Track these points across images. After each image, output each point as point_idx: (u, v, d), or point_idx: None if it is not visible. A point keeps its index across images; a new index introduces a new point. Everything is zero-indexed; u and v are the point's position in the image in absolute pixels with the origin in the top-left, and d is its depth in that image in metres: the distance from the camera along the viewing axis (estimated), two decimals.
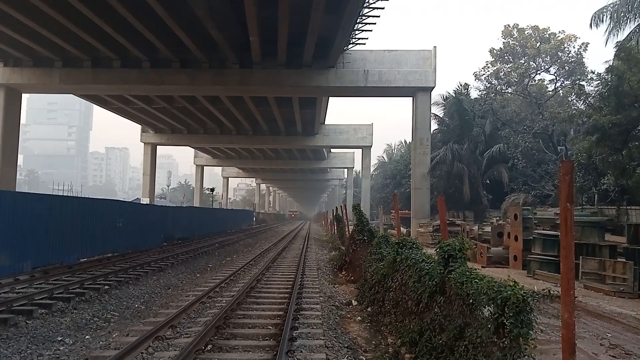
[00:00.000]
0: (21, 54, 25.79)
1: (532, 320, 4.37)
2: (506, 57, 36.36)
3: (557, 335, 6.39)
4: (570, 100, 33.03)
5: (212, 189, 55.90)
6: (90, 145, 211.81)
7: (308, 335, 7.33)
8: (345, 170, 71.54)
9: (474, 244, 16.38)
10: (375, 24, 22.41)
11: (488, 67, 36.73)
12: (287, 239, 31.77)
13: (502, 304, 4.49)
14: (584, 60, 34.12)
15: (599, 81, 24.22)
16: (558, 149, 33.40)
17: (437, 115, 38.80)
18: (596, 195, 25.75)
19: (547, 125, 32.55)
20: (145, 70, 26.33)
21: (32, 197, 15.27)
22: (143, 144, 48.06)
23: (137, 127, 47.57)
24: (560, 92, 35.99)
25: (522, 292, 4.43)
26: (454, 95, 37.43)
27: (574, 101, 31.29)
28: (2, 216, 12.29)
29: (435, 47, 27.70)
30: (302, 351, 6.57)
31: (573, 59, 34.10)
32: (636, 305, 9.96)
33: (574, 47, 34.10)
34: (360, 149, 52.55)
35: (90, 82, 27.05)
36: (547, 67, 35.47)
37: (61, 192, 55.22)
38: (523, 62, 35.51)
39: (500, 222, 21.51)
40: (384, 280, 9.17)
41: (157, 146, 49.18)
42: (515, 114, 37.13)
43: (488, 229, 19.63)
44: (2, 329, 7.59)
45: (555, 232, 14.16)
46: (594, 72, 28.40)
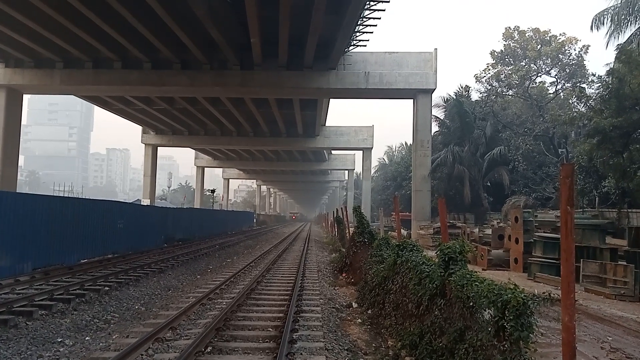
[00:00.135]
0: (22, 55, 25.85)
1: (533, 323, 4.37)
2: (507, 59, 36.37)
3: (558, 339, 6.37)
4: (571, 102, 33.04)
5: (213, 191, 55.89)
6: (91, 146, 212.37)
7: (308, 338, 7.32)
8: (346, 172, 71.55)
9: (474, 246, 16.37)
10: (376, 25, 22.46)
11: (489, 69, 36.77)
12: (287, 240, 31.76)
13: (503, 307, 4.49)
14: (585, 62, 34.20)
15: (599, 84, 24.24)
16: (559, 151, 33.38)
17: (438, 118, 38.81)
18: (597, 198, 25.71)
19: (548, 127, 32.56)
20: (146, 71, 26.42)
21: (33, 198, 15.25)
22: (144, 145, 48.15)
23: (138, 128, 47.64)
24: (561, 94, 35.97)
25: (523, 295, 4.44)
26: (454, 97, 37.44)
27: (575, 104, 31.29)
28: (2, 217, 12.29)
29: (436, 49, 27.73)
30: (302, 353, 6.57)
31: (574, 62, 34.12)
32: (637, 308, 9.93)
33: (575, 50, 34.18)
34: (361, 151, 52.56)
35: (91, 83, 27.13)
36: (548, 69, 35.50)
37: (62, 193, 55.26)
38: (524, 64, 35.51)
39: (501, 224, 21.51)
40: (384, 282, 9.16)
41: (158, 147, 49.26)
42: (516, 116, 37.14)
43: (489, 231, 19.62)
44: (2, 330, 7.58)
45: (556, 235, 14.14)
46: (594, 75, 28.50)
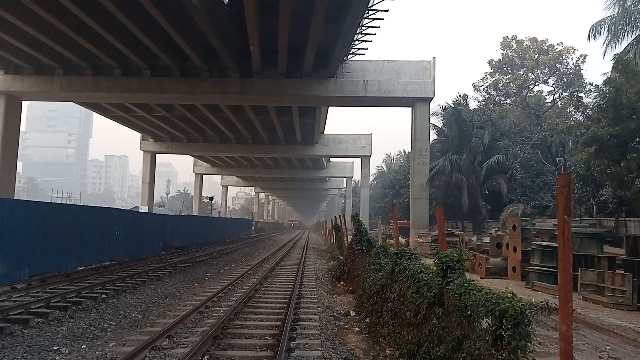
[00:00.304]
0: (22, 62, 25.91)
1: (530, 332, 4.36)
2: (505, 68, 36.59)
3: (556, 348, 6.37)
4: (568, 111, 33.17)
5: (211, 198, 55.89)
6: (90, 153, 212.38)
7: (306, 346, 7.29)
8: (345, 179, 71.61)
9: (472, 254, 16.37)
10: (375, 34, 22.59)
11: (487, 78, 36.96)
12: (285, 248, 31.69)
13: (500, 316, 4.48)
14: (582, 72, 34.42)
15: (597, 93, 24.36)
16: (557, 160, 33.46)
17: (436, 126, 38.91)
18: (595, 207, 25.75)
19: (546, 136, 32.68)
20: (145, 78, 26.50)
21: (31, 204, 15.22)
22: (142, 152, 48.15)
23: (137, 135, 47.67)
24: (559, 103, 36.16)
25: (520, 304, 4.43)
26: (452, 105, 37.56)
27: (572, 113, 31.40)
28: (0, 224, 12.26)
29: (434, 57, 27.85)
30: None
31: (571, 71, 34.35)
32: (635, 317, 9.92)
33: (572, 59, 34.43)
34: (360, 159, 52.61)
35: (91, 90, 27.19)
36: (545, 78, 35.72)
37: (60, 199, 55.19)
38: (522, 73, 35.74)
39: (499, 232, 21.51)
40: (382, 290, 9.14)
41: (157, 154, 49.26)
42: (514, 124, 37.25)
43: (487, 239, 19.62)
44: None
45: (554, 244, 14.11)
46: (592, 84, 28.64)
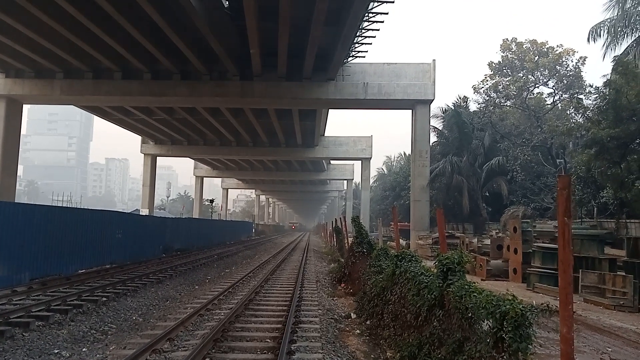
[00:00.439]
0: (23, 65, 25.98)
1: (531, 334, 4.35)
2: (505, 70, 36.65)
3: (557, 350, 6.35)
4: (568, 113, 33.23)
5: (212, 200, 55.88)
6: (90, 156, 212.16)
7: (306, 349, 7.28)
8: (345, 182, 71.61)
9: (473, 256, 16.36)
10: (374, 37, 22.63)
11: (487, 80, 37.03)
12: (286, 250, 31.68)
13: (501, 318, 4.47)
14: (582, 74, 34.47)
15: (597, 95, 24.39)
16: (557, 161, 33.44)
17: (437, 128, 38.92)
18: (595, 209, 25.71)
19: (546, 138, 32.69)
20: (146, 81, 26.57)
21: (31, 208, 15.25)
22: (143, 155, 48.21)
23: (137, 138, 47.74)
24: (559, 105, 36.19)
25: (521, 306, 4.42)
26: (453, 108, 37.57)
27: (573, 114, 31.47)
28: (0, 227, 12.26)
29: (434, 60, 27.91)
30: None
31: (571, 73, 34.39)
32: (636, 319, 9.90)
33: (572, 61, 34.49)
34: (360, 161, 52.62)
35: (91, 94, 27.25)
36: (545, 80, 35.76)
37: (60, 202, 55.17)
38: (522, 75, 35.78)
39: (500, 234, 21.50)
40: (383, 293, 9.13)
41: (157, 157, 49.31)
42: (514, 126, 37.28)
43: (487, 241, 19.60)
44: None
45: (555, 245, 14.11)
46: (592, 86, 28.69)
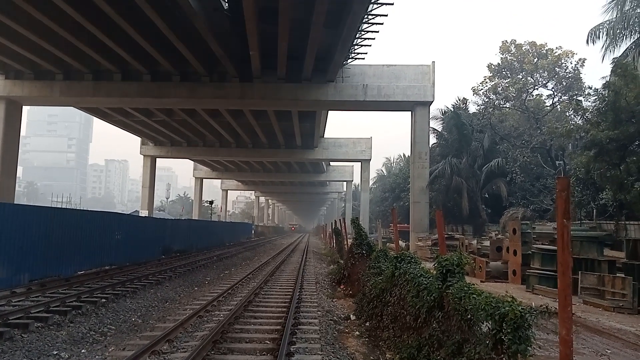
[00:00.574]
0: (22, 67, 25.96)
1: (530, 336, 4.36)
2: (504, 72, 36.65)
3: (556, 351, 6.35)
4: (567, 115, 33.24)
5: (211, 202, 55.93)
6: (90, 158, 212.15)
7: (306, 350, 7.28)
8: (345, 183, 71.55)
9: (472, 258, 16.34)
10: (374, 39, 22.63)
11: (486, 82, 37.03)
12: (285, 252, 31.67)
13: (500, 319, 4.48)
14: (581, 75, 34.47)
15: (596, 97, 24.40)
16: (556, 163, 33.47)
17: (436, 130, 38.95)
18: (595, 210, 25.72)
19: (545, 140, 32.69)
20: (145, 83, 26.54)
21: (31, 209, 15.24)
22: (142, 156, 48.15)
23: (137, 139, 47.69)
24: (558, 107, 36.21)
25: (520, 308, 4.43)
26: (452, 109, 37.58)
27: (572, 116, 31.49)
28: (0, 228, 12.26)
29: (433, 62, 27.95)
30: None
31: (570, 75, 34.40)
32: (636, 321, 9.90)
33: (571, 63, 34.47)
34: (360, 162, 52.62)
35: (91, 95, 27.23)
36: (544, 82, 35.76)
37: (60, 204, 55.19)
38: (521, 77, 35.79)
39: (499, 236, 21.49)
40: (382, 294, 9.13)
41: (157, 159, 49.24)
42: (514, 128, 37.29)
43: (487, 243, 19.59)
44: None
45: (554, 247, 14.09)
46: (591, 88, 28.63)
